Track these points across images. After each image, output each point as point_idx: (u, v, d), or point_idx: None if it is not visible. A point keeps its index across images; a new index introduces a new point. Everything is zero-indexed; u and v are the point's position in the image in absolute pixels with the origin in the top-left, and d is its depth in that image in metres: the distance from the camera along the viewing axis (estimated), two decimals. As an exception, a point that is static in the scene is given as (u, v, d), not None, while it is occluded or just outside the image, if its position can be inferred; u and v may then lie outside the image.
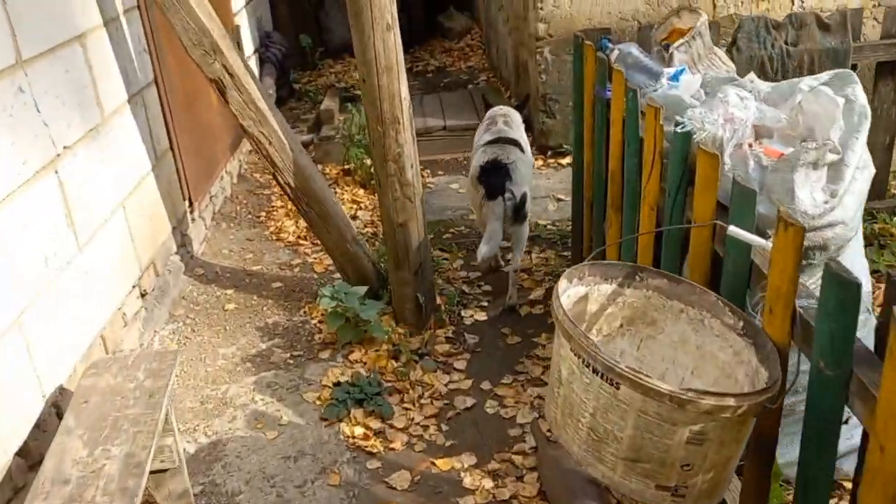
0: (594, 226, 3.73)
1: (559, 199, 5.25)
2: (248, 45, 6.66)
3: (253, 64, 6.80)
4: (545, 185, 5.46)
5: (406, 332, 3.79)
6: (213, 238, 4.86)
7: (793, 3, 5.36)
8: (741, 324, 1.97)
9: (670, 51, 3.39)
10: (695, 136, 2.31)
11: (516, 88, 6.74)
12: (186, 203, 4.53)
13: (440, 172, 5.85)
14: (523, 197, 3.85)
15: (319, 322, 3.91)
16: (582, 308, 2.18)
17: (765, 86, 2.51)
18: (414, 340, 3.75)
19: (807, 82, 2.38)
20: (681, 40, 3.39)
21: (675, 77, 3.26)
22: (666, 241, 2.54)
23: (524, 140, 4.32)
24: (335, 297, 3.60)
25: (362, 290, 3.71)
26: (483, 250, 3.73)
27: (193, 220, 4.62)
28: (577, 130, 3.85)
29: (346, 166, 5.73)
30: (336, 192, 5.48)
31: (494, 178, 3.82)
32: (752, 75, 2.70)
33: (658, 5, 5.40)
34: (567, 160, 5.77)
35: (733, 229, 1.96)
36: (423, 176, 5.72)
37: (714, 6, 5.38)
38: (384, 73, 3.36)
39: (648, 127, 2.69)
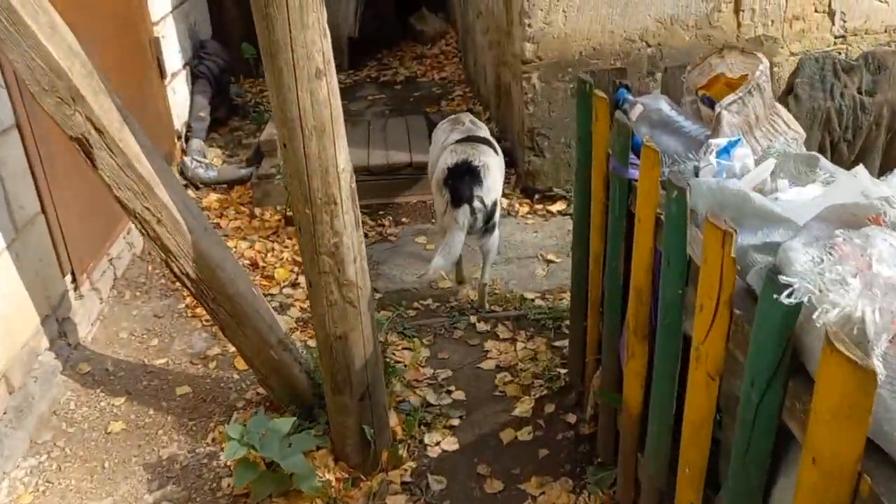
0: (603, 335, 2.75)
1: (550, 261, 4.27)
2: (176, 59, 5.55)
3: (183, 79, 5.71)
4: (532, 242, 4.47)
5: (348, 478, 2.80)
6: (110, 315, 3.81)
7: (833, 23, 4.39)
8: None
9: (717, 111, 2.41)
10: (815, 316, 1.33)
11: (497, 111, 5.74)
12: (69, 278, 3.48)
13: (404, 220, 4.81)
14: (494, 204, 3.52)
15: (232, 457, 2.90)
16: None
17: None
18: (357, 493, 2.75)
19: None
20: (732, 97, 2.41)
21: (725, 150, 2.29)
22: (736, 477, 1.57)
23: (494, 140, 3.94)
24: (246, 441, 2.59)
25: (286, 424, 2.70)
26: (437, 262, 3.38)
27: (81, 296, 3.58)
28: (580, 188, 2.84)
29: (289, 213, 4.68)
30: (274, 248, 4.46)
31: (462, 182, 3.44)
32: (870, 181, 1.71)
33: (671, 24, 4.42)
34: (558, 206, 4.80)
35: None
36: (383, 225, 4.73)
37: (739, 25, 4.41)
38: (313, 137, 2.34)
39: (710, 255, 1.71)
